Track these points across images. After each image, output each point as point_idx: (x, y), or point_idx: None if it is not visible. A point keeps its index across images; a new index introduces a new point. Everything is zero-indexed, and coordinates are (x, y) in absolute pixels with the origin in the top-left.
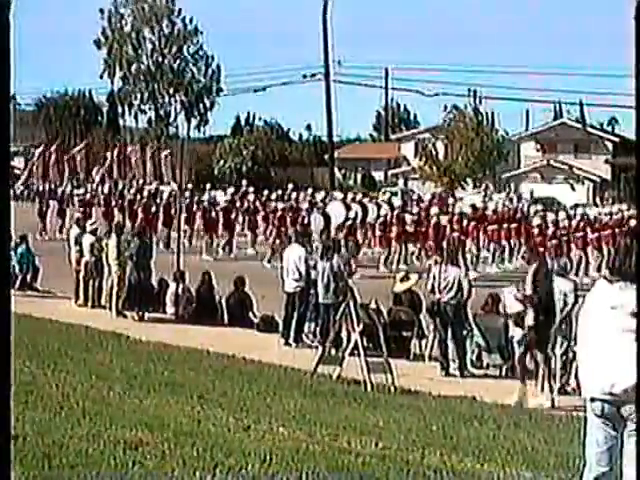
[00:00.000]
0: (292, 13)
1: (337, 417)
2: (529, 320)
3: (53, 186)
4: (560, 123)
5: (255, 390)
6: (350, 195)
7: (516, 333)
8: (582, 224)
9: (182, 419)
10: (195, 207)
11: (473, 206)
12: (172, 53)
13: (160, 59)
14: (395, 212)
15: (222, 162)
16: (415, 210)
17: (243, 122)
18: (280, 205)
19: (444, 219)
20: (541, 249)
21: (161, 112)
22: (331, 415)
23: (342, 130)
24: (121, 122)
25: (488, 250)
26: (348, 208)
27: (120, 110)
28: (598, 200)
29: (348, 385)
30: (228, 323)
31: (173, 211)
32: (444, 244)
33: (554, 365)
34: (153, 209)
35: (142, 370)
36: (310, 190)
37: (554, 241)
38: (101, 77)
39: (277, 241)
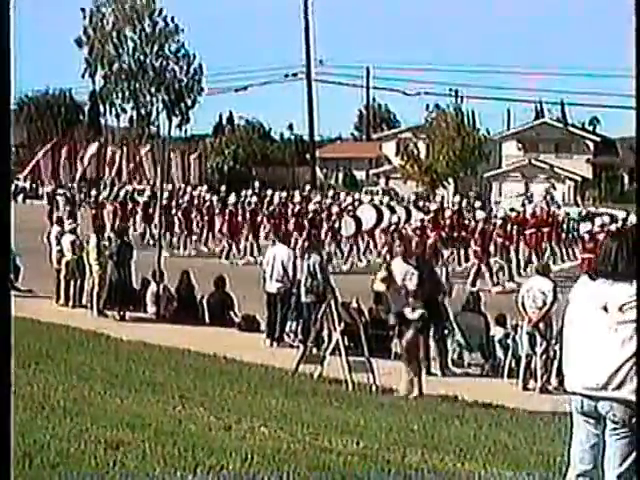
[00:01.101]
0: (273, 12)
1: (318, 416)
2: (412, 314)
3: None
4: (541, 122)
5: (236, 389)
6: (376, 198)
7: (497, 332)
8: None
9: (163, 419)
10: (218, 210)
11: (512, 209)
12: (153, 52)
13: (141, 58)
14: (429, 216)
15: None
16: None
17: (225, 121)
18: (311, 207)
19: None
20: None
21: (142, 111)
22: (312, 414)
23: (324, 129)
24: (102, 121)
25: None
26: (380, 212)
27: (102, 109)
28: (579, 199)
29: (329, 384)
30: (209, 322)
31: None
32: (491, 249)
33: (534, 364)
34: (172, 211)
35: (123, 370)
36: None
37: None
38: (82, 76)
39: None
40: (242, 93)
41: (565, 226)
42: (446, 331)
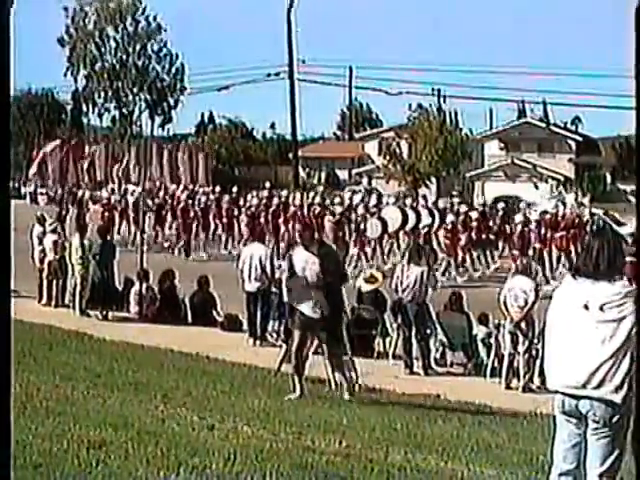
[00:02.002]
0: (256, 11)
1: (301, 415)
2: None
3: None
4: (524, 122)
5: (219, 389)
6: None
7: (480, 331)
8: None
9: (146, 418)
10: (236, 211)
11: (545, 212)
12: (136, 51)
13: (124, 57)
14: (460, 218)
15: None
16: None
17: (207, 121)
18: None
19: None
20: None
21: (125, 111)
22: (295, 414)
23: (306, 129)
24: (85, 121)
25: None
26: (405, 214)
27: (84, 109)
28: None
29: (312, 383)
30: (192, 322)
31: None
32: (530, 252)
33: (517, 363)
34: (191, 214)
35: (106, 369)
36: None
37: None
38: (65, 75)
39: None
40: (224, 92)
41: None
42: (429, 330)
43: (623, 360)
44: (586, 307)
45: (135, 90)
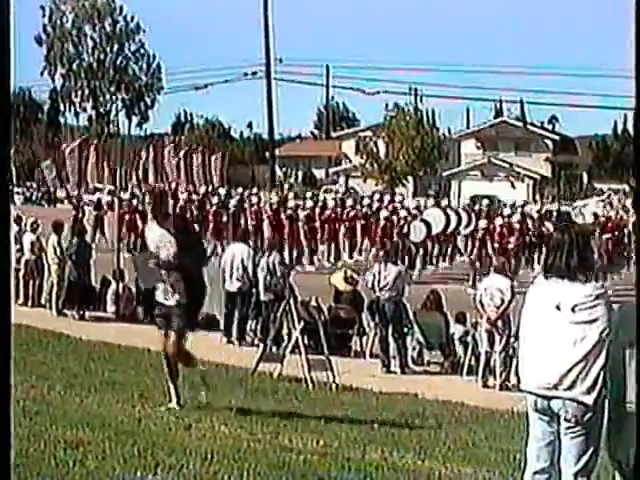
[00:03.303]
0: (233, 10)
1: (278, 415)
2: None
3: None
4: (500, 121)
5: (196, 389)
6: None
7: (457, 330)
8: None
9: (123, 418)
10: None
11: (595, 215)
12: (113, 51)
13: (101, 57)
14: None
15: None
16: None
17: (184, 120)
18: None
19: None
20: None
21: (102, 110)
22: (272, 413)
23: (283, 128)
24: (62, 120)
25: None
26: (448, 216)
27: (61, 108)
28: (538, 197)
29: (289, 383)
30: None
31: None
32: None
33: (493, 362)
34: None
35: (83, 369)
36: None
37: None
38: (42, 74)
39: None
40: (202, 92)
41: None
42: (406, 329)
43: (595, 362)
44: (558, 308)
45: (112, 89)
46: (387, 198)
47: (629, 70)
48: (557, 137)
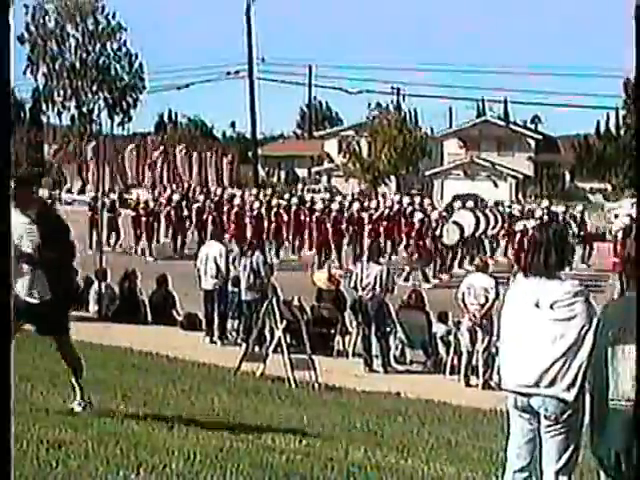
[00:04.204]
0: (215, 9)
1: (261, 414)
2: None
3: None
4: (483, 120)
5: (179, 388)
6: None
7: (439, 329)
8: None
9: (105, 418)
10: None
11: (631, 216)
12: (96, 50)
13: (84, 56)
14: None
15: None
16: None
17: (167, 119)
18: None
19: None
20: None
21: (84, 109)
22: (255, 412)
23: (266, 127)
24: (44, 119)
25: None
26: (477, 217)
27: (43, 107)
28: (520, 197)
29: (272, 382)
30: (151, 321)
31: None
32: None
33: (476, 361)
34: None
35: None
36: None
37: None
38: (24, 73)
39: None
40: (184, 91)
41: None
42: (388, 328)
43: (574, 359)
44: (537, 305)
45: (94, 89)
46: (407, 200)
47: (611, 70)
48: (540, 136)
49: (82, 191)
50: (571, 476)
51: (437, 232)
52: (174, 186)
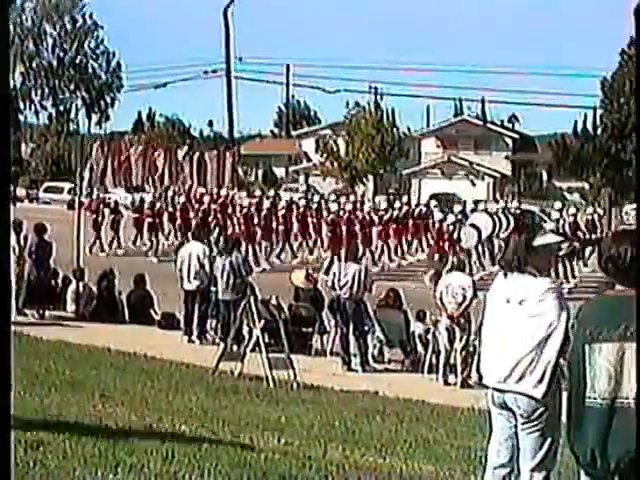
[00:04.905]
0: (193, 8)
1: (239, 413)
2: None
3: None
4: (460, 120)
5: (157, 388)
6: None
7: (417, 328)
8: None
9: (83, 418)
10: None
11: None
12: (73, 49)
13: (61, 55)
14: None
15: None
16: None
17: (145, 118)
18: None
19: None
20: None
21: (62, 108)
22: (233, 412)
23: (243, 126)
24: (21, 118)
25: None
26: (494, 219)
27: (21, 106)
28: (498, 196)
29: (250, 381)
30: (129, 321)
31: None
32: None
33: (454, 359)
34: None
35: (43, 369)
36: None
37: None
38: None
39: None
40: (162, 90)
41: None
42: (366, 327)
43: (542, 355)
44: (508, 302)
45: (72, 88)
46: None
47: (588, 69)
48: (517, 135)
49: (60, 190)
50: (549, 473)
51: (454, 235)
52: (176, 187)
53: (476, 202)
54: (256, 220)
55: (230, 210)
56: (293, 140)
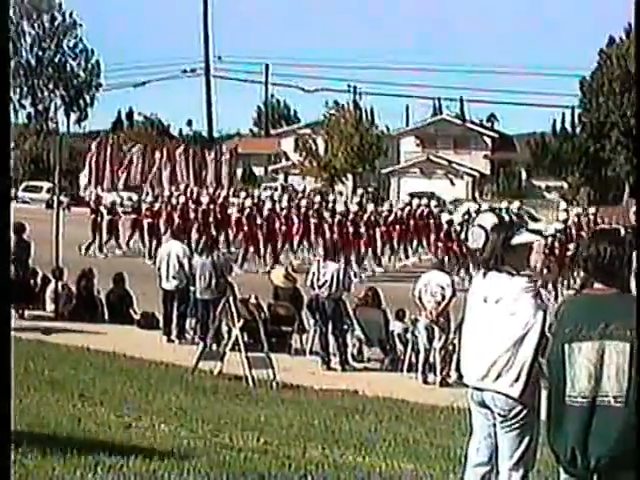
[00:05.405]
0: (172, 7)
1: (218, 413)
2: None
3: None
4: (440, 119)
5: (136, 387)
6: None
7: (396, 327)
8: None
9: (62, 417)
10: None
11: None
12: (52, 47)
13: (40, 54)
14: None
15: None
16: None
17: (123, 118)
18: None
19: None
20: None
21: (40, 107)
22: (212, 411)
23: (222, 125)
24: None
25: None
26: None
27: None
28: (477, 195)
29: (229, 381)
30: (108, 320)
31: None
32: None
33: (433, 358)
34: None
35: (21, 368)
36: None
37: None
38: None
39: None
40: (141, 89)
41: None
42: (345, 326)
43: (518, 354)
44: (485, 301)
45: (51, 86)
46: (416, 202)
47: (568, 69)
48: (496, 135)
49: (39, 190)
50: (527, 472)
51: (462, 236)
52: (176, 188)
53: (455, 201)
54: (259, 221)
55: (230, 211)
56: (272, 139)
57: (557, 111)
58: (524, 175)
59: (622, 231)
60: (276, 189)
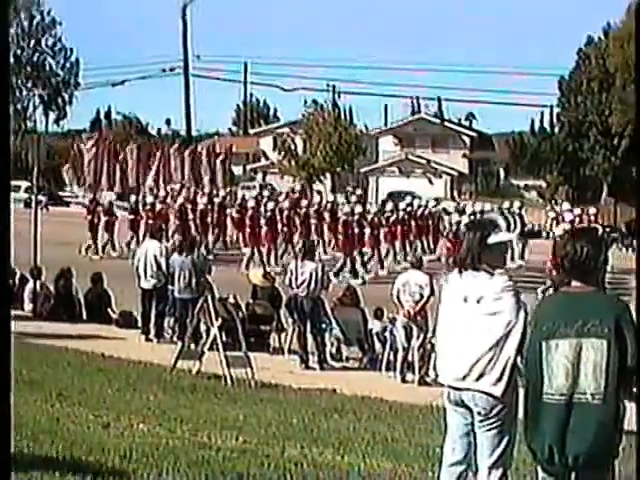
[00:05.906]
0: (151, 6)
1: (197, 412)
2: None
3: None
4: (418, 118)
5: (114, 386)
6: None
7: (375, 326)
8: None
9: (41, 417)
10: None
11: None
12: (30, 46)
13: (18, 52)
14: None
15: None
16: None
17: (102, 117)
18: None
19: None
20: None
21: (19, 106)
22: (191, 410)
23: (201, 124)
24: None
25: None
26: (508, 220)
27: None
28: (455, 194)
29: (208, 380)
30: (87, 319)
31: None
32: None
33: (411, 357)
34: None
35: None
36: None
37: None
38: None
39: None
40: (120, 88)
41: None
42: (324, 325)
43: (501, 353)
44: (465, 300)
45: (29, 85)
46: (417, 202)
47: (546, 68)
48: (474, 134)
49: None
50: (506, 471)
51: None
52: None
53: (436, 200)
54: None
55: (232, 211)
56: (251, 138)
57: (536, 110)
58: (502, 174)
59: (599, 230)
60: (254, 188)
